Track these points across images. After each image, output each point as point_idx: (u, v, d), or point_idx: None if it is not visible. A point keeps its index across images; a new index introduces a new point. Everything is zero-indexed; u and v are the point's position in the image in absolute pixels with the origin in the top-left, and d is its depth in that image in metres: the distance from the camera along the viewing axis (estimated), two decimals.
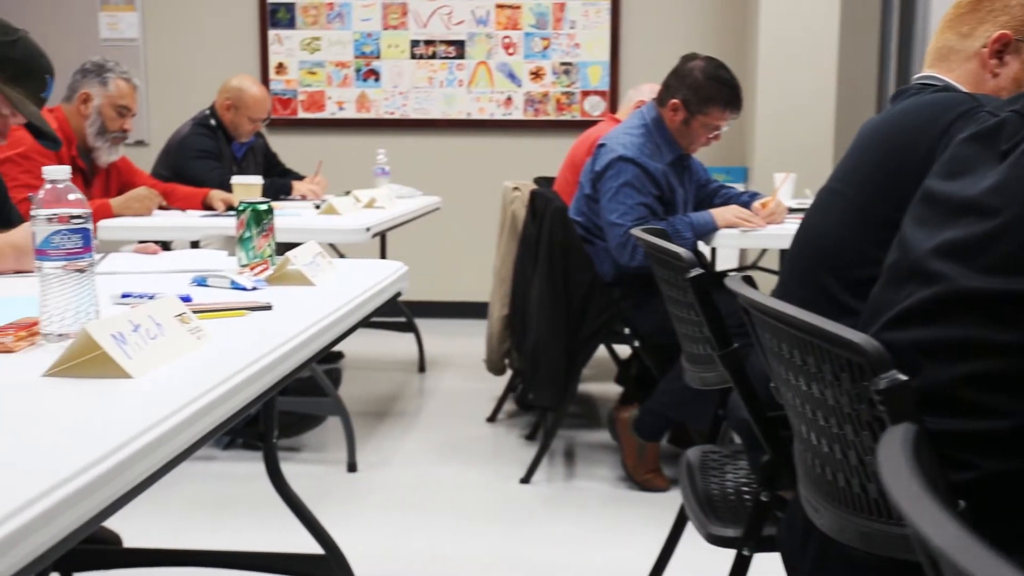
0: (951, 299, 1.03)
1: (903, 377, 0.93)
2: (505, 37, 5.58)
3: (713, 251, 4.18)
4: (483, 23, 5.58)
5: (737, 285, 1.18)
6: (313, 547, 2.12)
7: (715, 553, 1.76)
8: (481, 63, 5.61)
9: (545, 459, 3.22)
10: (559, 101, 5.61)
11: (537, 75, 5.60)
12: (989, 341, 0.98)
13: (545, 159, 5.27)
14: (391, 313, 4.51)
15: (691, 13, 5.51)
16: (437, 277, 5.60)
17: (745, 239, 3.12)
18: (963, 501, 0.97)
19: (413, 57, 5.62)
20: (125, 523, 2.46)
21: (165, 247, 2.13)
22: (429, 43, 5.61)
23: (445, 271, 5.64)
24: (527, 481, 3.13)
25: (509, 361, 3.72)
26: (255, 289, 1.67)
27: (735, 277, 1.22)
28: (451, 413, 3.89)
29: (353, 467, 3.23)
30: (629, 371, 3.69)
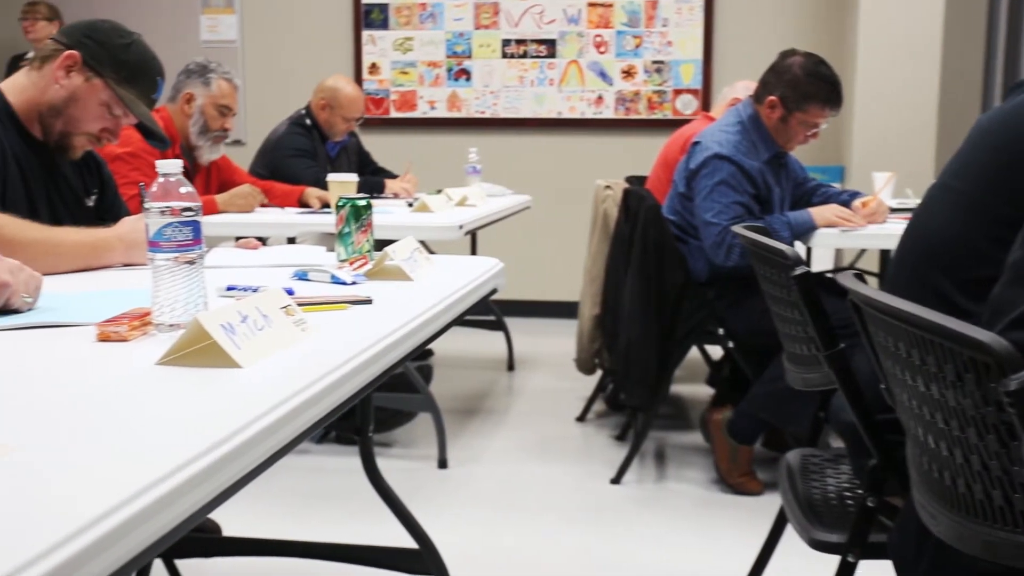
0: None
1: None
2: (597, 36, 5.56)
3: (808, 251, 4.09)
4: (574, 22, 5.57)
5: (850, 281, 1.14)
6: (404, 541, 2.14)
7: (814, 560, 1.72)
8: (572, 62, 5.59)
9: (635, 460, 3.19)
10: (650, 100, 5.56)
11: (628, 74, 5.56)
12: None
13: (636, 158, 5.23)
14: (480, 311, 4.52)
15: (787, 9, 5.40)
16: (526, 276, 5.59)
17: (845, 239, 3.04)
18: None
19: (504, 56, 5.63)
20: (222, 512, 2.51)
21: (262, 243, 2.17)
22: (520, 42, 5.61)
23: (534, 270, 5.64)
24: (617, 482, 3.11)
25: (599, 361, 3.69)
26: (354, 284, 1.69)
27: (847, 274, 1.19)
28: (540, 412, 3.89)
29: (444, 463, 3.24)
30: (721, 372, 3.63)
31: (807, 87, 2.95)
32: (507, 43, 5.62)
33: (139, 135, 2.93)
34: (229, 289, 1.56)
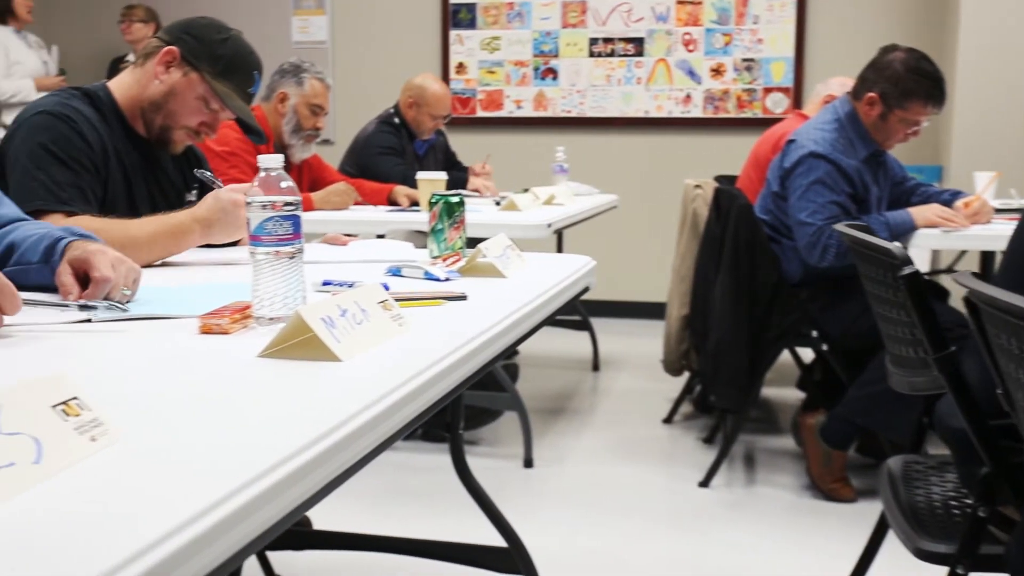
0: None
1: None
2: (685, 34, 5.49)
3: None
4: (663, 20, 5.51)
5: (969, 280, 1.09)
6: (488, 540, 2.13)
7: (916, 570, 1.66)
8: (660, 60, 5.53)
9: (724, 463, 3.14)
10: (740, 98, 5.48)
11: (718, 72, 5.48)
12: None
13: (724, 157, 5.15)
14: (565, 311, 4.50)
15: (884, 5, 5.26)
16: (611, 276, 5.55)
17: (947, 240, 2.94)
18: None
19: (591, 55, 5.60)
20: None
21: (350, 239, 2.18)
22: (608, 41, 5.57)
23: (620, 270, 5.59)
24: (706, 485, 3.06)
25: (687, 362, 3.64)
26: (448, 280, 1.68)
27: (964, 272, 1.14)
28: (626, 413, 3.85)
29: (529, 463, 3.23)
30: (813, 375, 3.55)
31: (909, 83, 2.86)
32: (594, 42, 5.59)
33: (236, 134, 3.00)
34: (325, 284, 1.57)
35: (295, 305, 1.24)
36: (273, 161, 1.27)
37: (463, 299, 1.50)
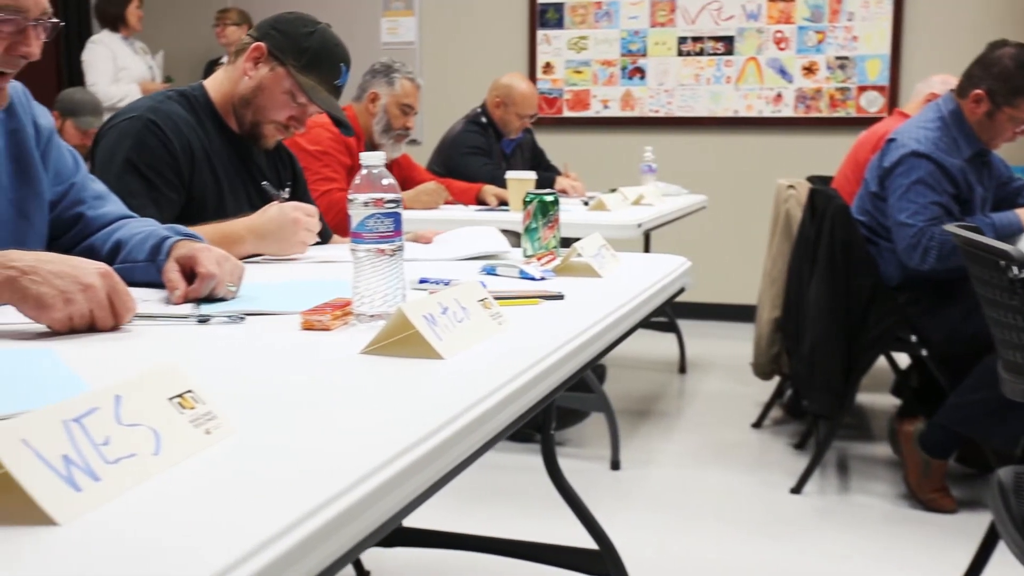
0: None
1: None
2: (777, 32, 5.39)
3: None
4: (754, 17, 5.41)
5: None
6: (576, 541, 2.11)
7: None
8: (751, 59, 5.44)
9: (817, 470, 3.06)
10: (832, 97, 5.35)
11: (810, 70, 5.37)
12: None
13: (817, 158, 5.04)
14: (652, 312, 4.45)
15: (985, 0, 5.09)
16: (700, 278, 5.46)
17: None
18: None
19: (680, 54, 5.54)
20: None
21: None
22: (697, 39, 5.50)
23: (708, 272, 5.50)
24: (798, 491, 2.99)
25: (778, 366, 3.57)
26: (543, 279, 1.67)
27: None
28: (714, 416, 3.79)
29: (616, 465, 3.20)
30: (909, 381, 3.44)
31: (1018, 80, 2.75)
32: (683, 40, 5.52)
33: (328, 133, 3.04)
34: (422, 282, 1.57)
35: (395, 302, 1.24)
36: (375, 159, 1.27)
37: (560, 298, 1.49)
